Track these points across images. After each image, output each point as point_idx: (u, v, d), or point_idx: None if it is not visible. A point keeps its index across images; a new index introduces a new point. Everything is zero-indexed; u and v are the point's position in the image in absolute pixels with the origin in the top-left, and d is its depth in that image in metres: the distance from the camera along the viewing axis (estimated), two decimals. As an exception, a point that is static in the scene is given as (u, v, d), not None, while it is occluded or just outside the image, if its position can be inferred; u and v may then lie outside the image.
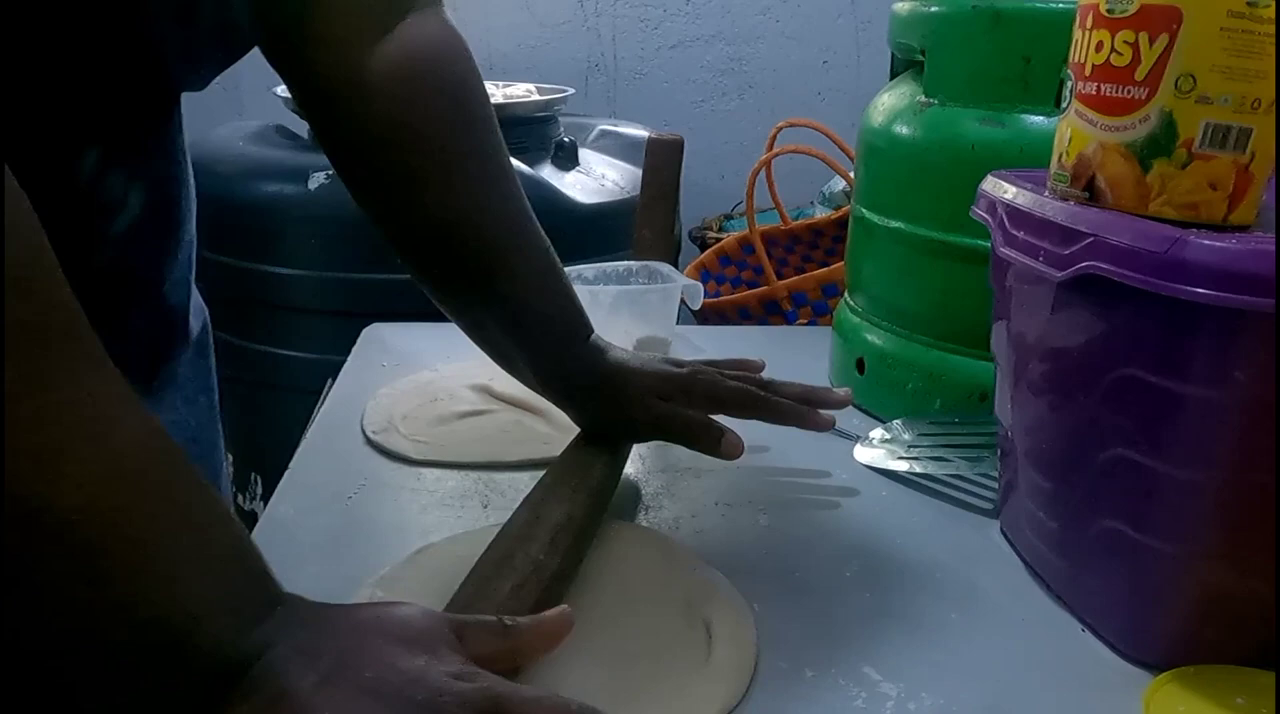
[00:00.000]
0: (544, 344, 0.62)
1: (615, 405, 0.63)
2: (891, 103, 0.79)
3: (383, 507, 0.65)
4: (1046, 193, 0.54)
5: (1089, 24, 0.50)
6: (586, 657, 0.49)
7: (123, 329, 0.57)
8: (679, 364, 0.64)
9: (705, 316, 1.16)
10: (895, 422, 0.76)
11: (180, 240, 0.60)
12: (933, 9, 0.74)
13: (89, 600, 0.30)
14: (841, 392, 0.65)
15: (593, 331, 0.64)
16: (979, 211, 0.60)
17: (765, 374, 0.68)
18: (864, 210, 0.81)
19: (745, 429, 0.79)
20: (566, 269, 0.94)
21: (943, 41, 0.74)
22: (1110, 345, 0.49)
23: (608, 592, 0.55)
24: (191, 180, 0.61)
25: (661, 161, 1.28)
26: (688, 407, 0.62)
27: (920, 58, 0.76)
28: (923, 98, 0.76)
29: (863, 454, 0.73)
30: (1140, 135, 0.48)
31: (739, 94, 2.13)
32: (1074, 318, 0.51)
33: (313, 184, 1.33)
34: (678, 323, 0.96)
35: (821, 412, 0.63)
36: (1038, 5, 0.68)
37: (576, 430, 0.72)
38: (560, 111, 1.63)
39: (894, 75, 0.86)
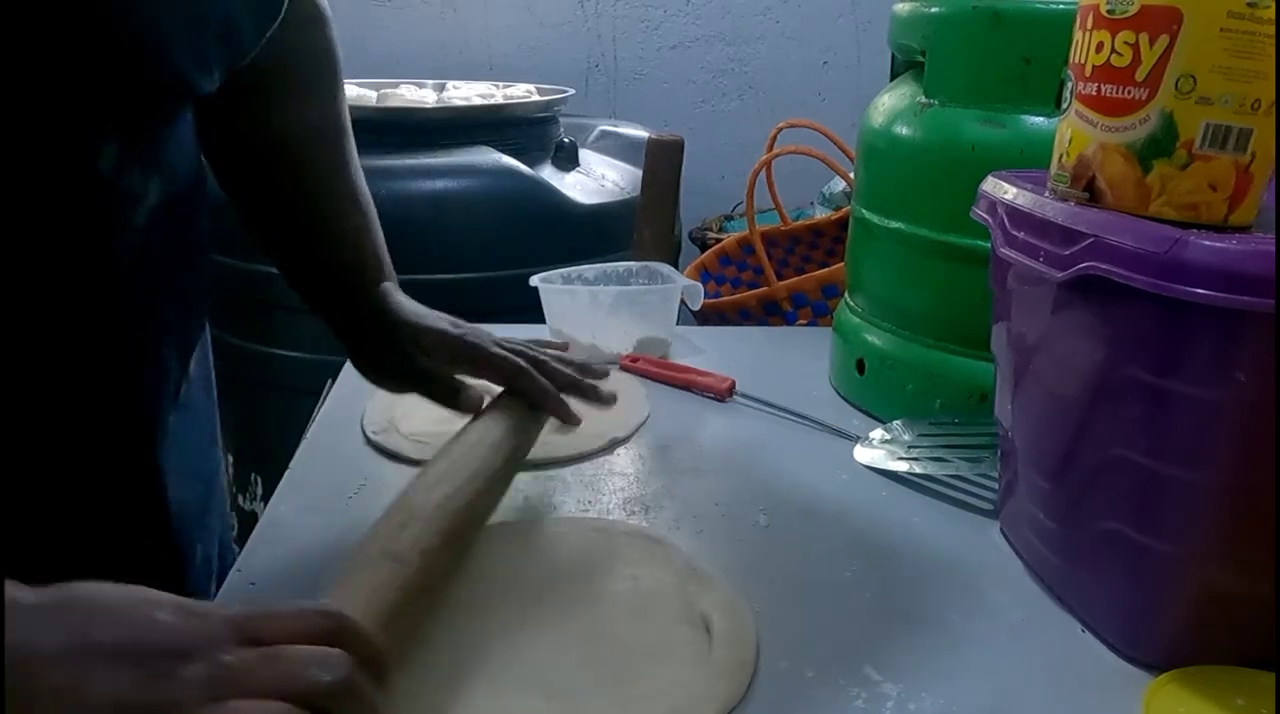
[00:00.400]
0: (333, 275, 0.66)
1: (381, 350, 0.65)
2: (892, 103, 0.79)
3: (383, 507, 0.65)
4: (1047, 193, 0.54)
5: (1089, 25, 0.50)
6: (586, 657, 0.49)
7: (156, 320, 0.58)
8: (458, 326, 0.65)
9: (705, 317, 1.16)
10: (895, 422, 0.76)
11: (197, 228, 0.63)
12: (933, 10, 0.74)
13: None
14: (606, 392, 0.67)
15: (391, 279, 0.66)
16: (979, 212, 0.60)
17: (764, 376, 0.68)
18: (864, 211, 0.81)
19: (747, 431, 0.79)
20: (566, 271, 0.95)
21: (943, 42, 0.74)
22: (1110, 346, 0.49)
23: (606, 592, 0.55)
24: (205, 171, 0.64)
25: (662, 162, 1.28)
26: (449, 365, 0.64)
27: (920, 58, 0.76)
28: (923, 98, 0.76)
29: (863, 455, 0.73)
30: (1140, 136, 0.48)
31: (739, 94, 2.13)
32: (1074, 318, 0.51)
33: (313, 184, 1.33)
34: (678, 323, 0.96)
35: (572, 408, 0.65)
36: (1038, 6, 0.68)
37: (575, 430, 0.72)
38: (560, 112, 1.63)
39: (894, 76, 0.86)
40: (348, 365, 0.90)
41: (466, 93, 1.65)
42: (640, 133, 1.58)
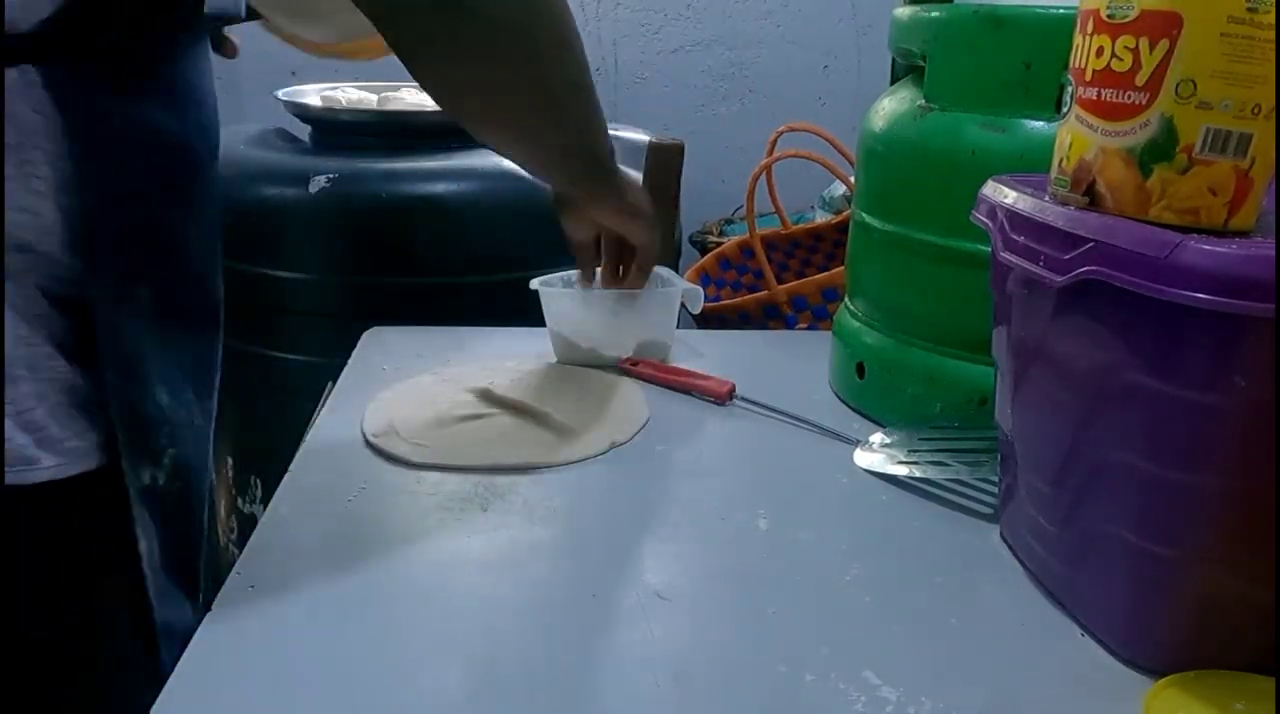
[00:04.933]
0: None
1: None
2: (892, 107, 0.79)
3: (382, 510, 0.65)
4: (1047, 197, 0.54)
5: (1090, 29, 0.50)
6: None
7: (171, 308, 0.60)
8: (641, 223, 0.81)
9: (705, 321, 1.16)
10: (895, 426, 0.76)
11: (202, 196, 0.64)
12: (934, 14, 0.74)
13: None
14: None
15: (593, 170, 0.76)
16: (979, 216, 0.60)
17: (764, 379, 0.67)
18: (864, 215, 0.81)
19: (747, 434, 0.79)
20: (566, 274, 0.95)
21: (943, 46, 0.74)
22: (1110, 350, 0.49)
23: None
24: (215, 140, 0.64)
25: (662, 166, 1.29)
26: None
27: (921, 63, 0.76)
28: (923, 102, 0.76)
29: (863, 458, 0.73)
30: (1141, 140, 0.48)
31: (739, 98, 2.13)
32: (1074, 323, 0.51)
33: (314, 187, 1.33)
34: (678, 327, 0.96)
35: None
36: (1038, 10, 0.68)
37: (575, 433, 0.72)
38: (561, 116, 1.63)
39: (894, 80, 0.86)
40: (348, 368, 0.90)
41: (467, 96, 1.65)
42: (641, 136, 1.58)
